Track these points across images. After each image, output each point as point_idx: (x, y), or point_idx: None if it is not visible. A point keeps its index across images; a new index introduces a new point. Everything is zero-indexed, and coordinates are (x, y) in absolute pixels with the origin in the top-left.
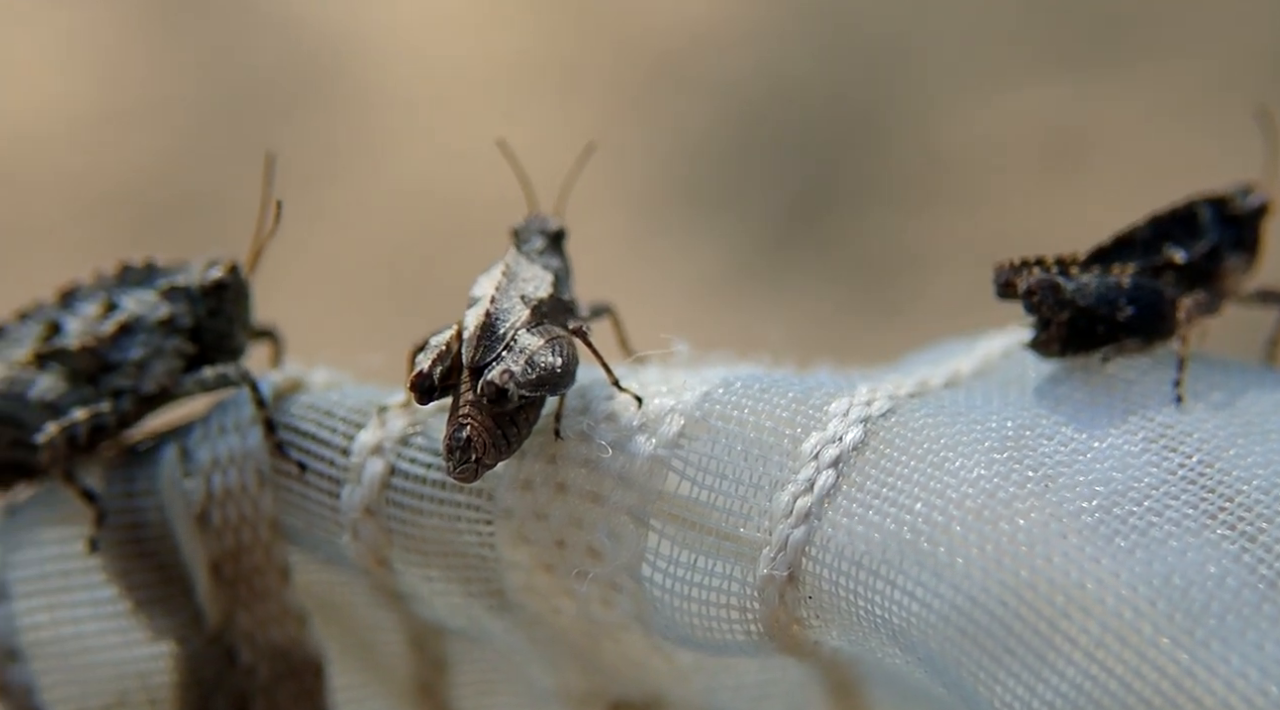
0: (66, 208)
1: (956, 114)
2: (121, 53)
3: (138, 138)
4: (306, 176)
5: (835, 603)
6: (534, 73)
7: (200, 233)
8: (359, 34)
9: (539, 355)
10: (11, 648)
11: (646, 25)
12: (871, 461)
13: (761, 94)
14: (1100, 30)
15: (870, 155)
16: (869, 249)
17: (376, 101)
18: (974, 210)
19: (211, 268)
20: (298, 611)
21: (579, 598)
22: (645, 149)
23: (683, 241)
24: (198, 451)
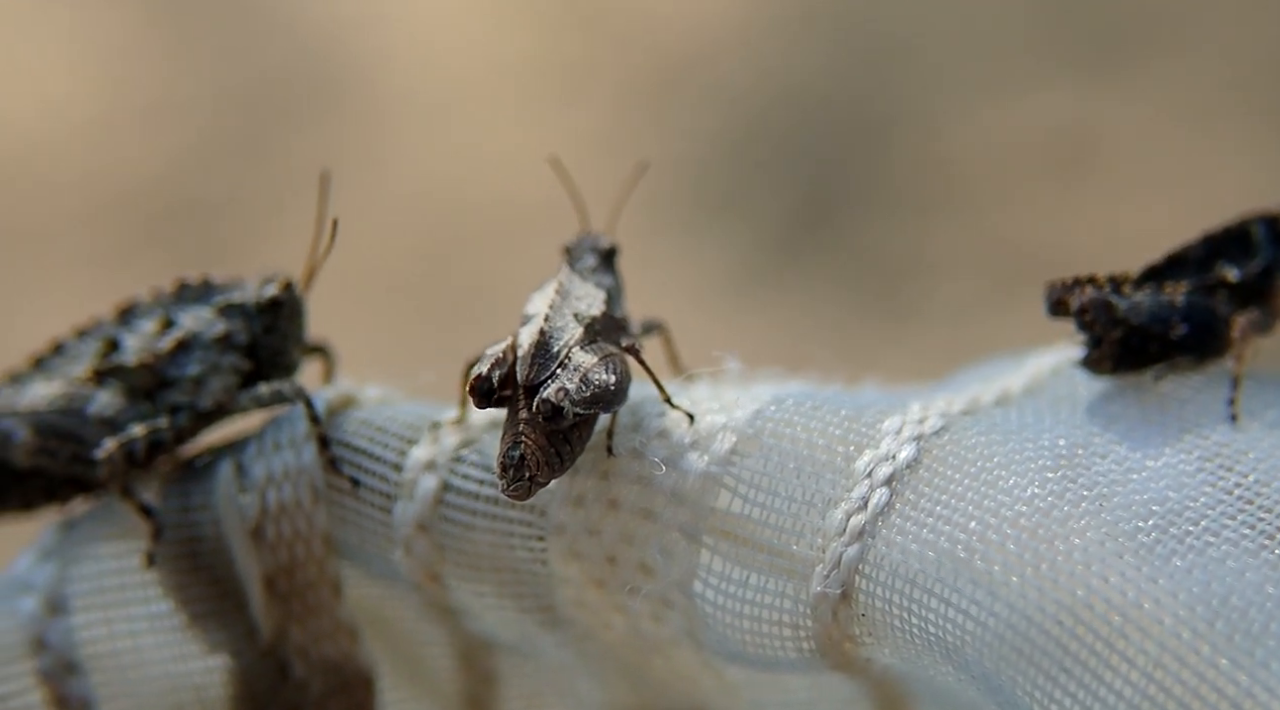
0: (76, 211)
1: (963, 118)
2: (131, 56)
3: (147, 141)
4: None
5: (888, 620)
6: (542, 76)
7: (209, 236)
8: (368, 38)
9: (593, 373)
10: (71, 661)
11: (654, 30)
12: (925, 479)
13: (768, 98)
14: (1107, 34)
15: (876, 160)
16: (875, 254)
17: (386, 105)
18: (980, 215)
19: (267, 285)
20: (350, 626)
21: (630, 614)
22: (652, 153)
23: (688, 245)
24: (253, 467)
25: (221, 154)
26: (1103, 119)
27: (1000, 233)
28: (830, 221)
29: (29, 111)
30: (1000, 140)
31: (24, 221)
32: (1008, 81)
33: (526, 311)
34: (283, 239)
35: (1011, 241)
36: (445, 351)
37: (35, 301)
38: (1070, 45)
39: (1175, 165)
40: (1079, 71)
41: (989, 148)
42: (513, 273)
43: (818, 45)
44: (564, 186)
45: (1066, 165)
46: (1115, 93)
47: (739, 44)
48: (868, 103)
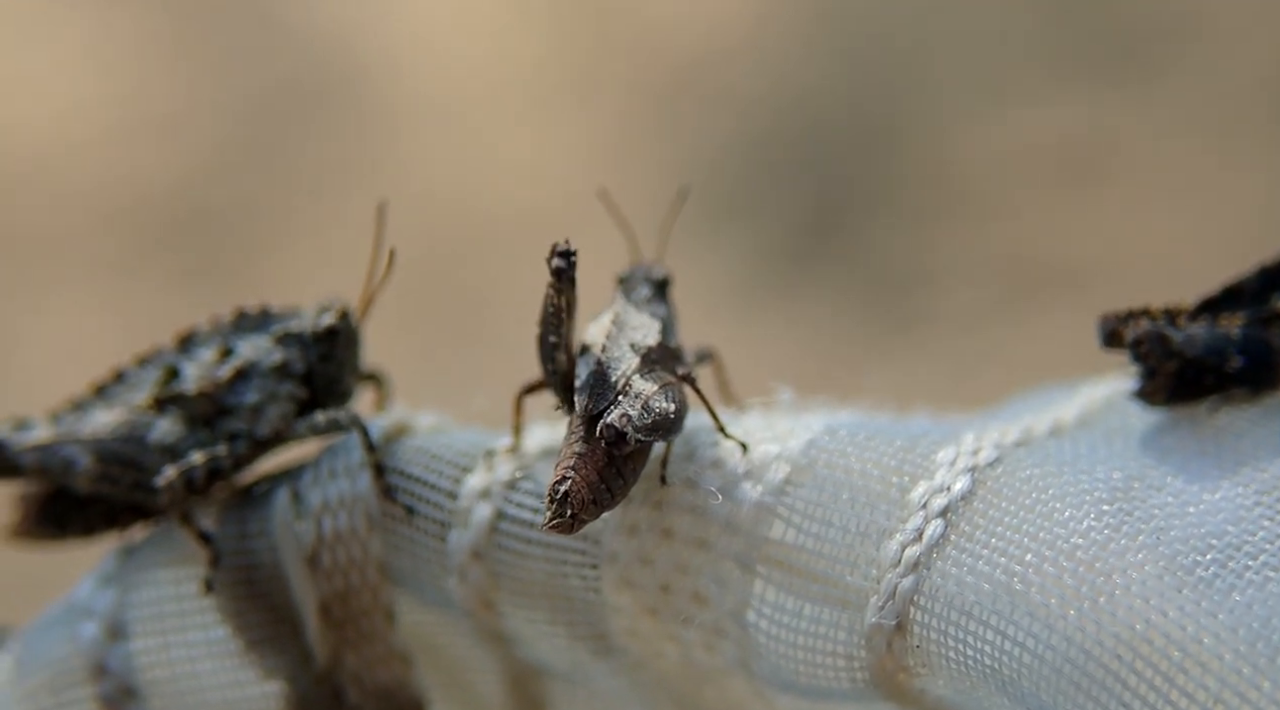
0: (89, 218)
1: (973, 128)
2: (143, 65)
3: (160, 149)
4: (324, 186)
5: (943, 652)
6: (553, 82)
7: (222, 243)
8: (378, 46)
9: (654, 400)
10: (130, 686)
11: (664, 37)
12: (980, 511)
13: (777, 107)
14: (1119, 44)
15: (886, 168)
16: (883, 262)
17: (396, 112)
18: (989, 224)
19: (323, 314)
20: (403, 653)
21: (683, 643)
22: (660, 160)
23: (696, 254)
24: (309, 495)
25: (233, 161)
26: (1113, 129)
27: (1010, 242)
28: (839, 230)
29: (42, 120)
30: (1010, 150)
31: (38, 229)
32: (1018, 90)
33: (582, 342)
34: (294, 246)
35: (1021, 251)
36: (451, 354)
37: (49, 308)
38: (1081, 55)
39: (1186, 176)
40: (1090, 81)
41: (999, 157)
42: (522, 277)
43: (828, 53)
44: (612, 216)
45: (1077, 175)
46: (1126, 102)
47: (749, 51)
48: (878, 111)
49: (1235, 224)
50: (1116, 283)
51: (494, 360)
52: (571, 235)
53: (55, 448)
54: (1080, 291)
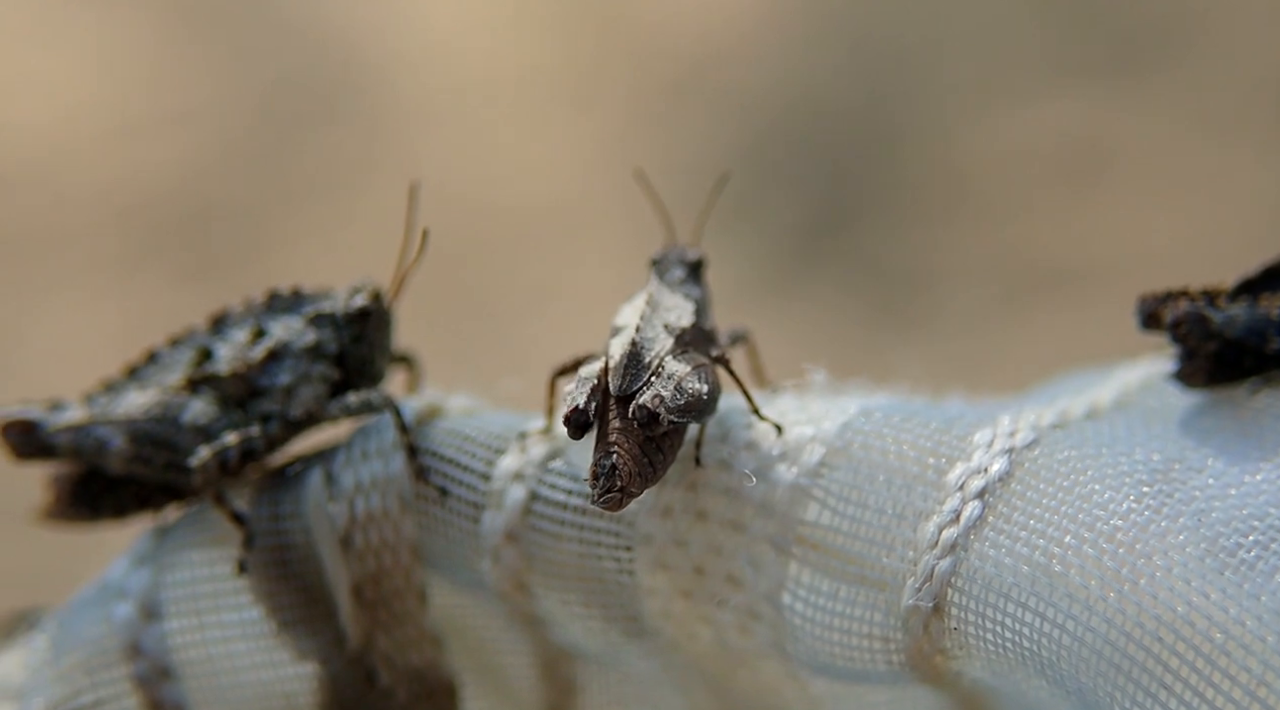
0: (95, 216)
1: (977, 127)
2: (148, 62)
3: (165, 146)
4: (328, 185)
5: (981, 634)
6: (557, 82)
7: (227, 241)
8: (384, 45)
9: (687, 381)
10: (165, 666)
11: (668, 38)
12: (1017, 493)
13: (781, 107)
14: (1122, 42)
15: (890, 168)
16: (888, 262)
17: (402, 111)
18: (993, 223)
19: (356, 295)
20: (434, 634)
21: (717, 625)
22: (664, 160)
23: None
24: (342, 476)
25: (237, 159)
26: (1118, 127)
27: (1014, 241)
28: (843, 229)
29: (48, 118)
30: (1014, 149)
31: (43, 226)
32: (1022, 90)
33: (616, 323)
34: (299, 244)
35: (1025, 250)
36: (457, 354)
37: (55, 305)
38: (1085, 53)
39: (1190, 174)
40: (1094, 80)
41: (1003, 156)
42: (527, 275)
43: (831, 53)
44: (649, 199)
45: (1081, 174)
46: (1130, 101)
47: (753, 51)
48: (881, 111)
49: (1240, 222)
50: (1121, 282)
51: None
52: (574, 232)
53: (89, 429)
54: (1085, 290)
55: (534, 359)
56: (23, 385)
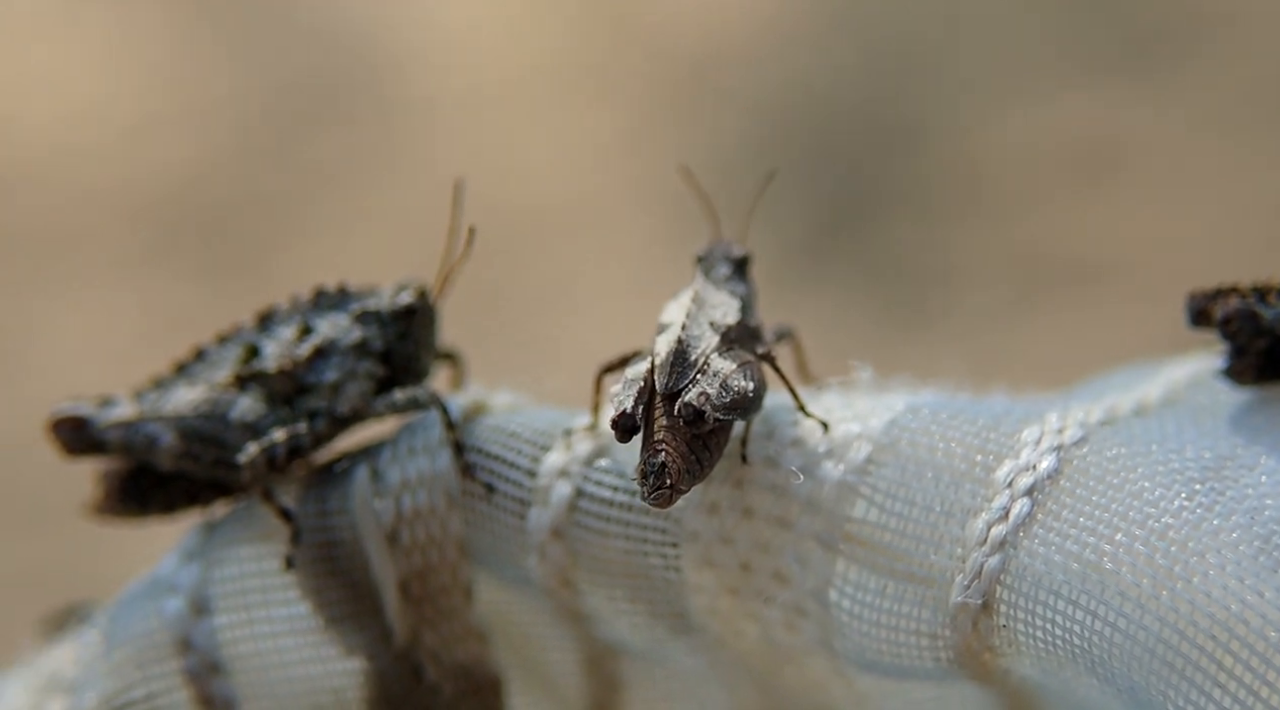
0: (110, 214)
1: (989, 124)
2: (164, 59)
3: (181, 143)
4: (341, 181)
5: (1031, 631)
6: (568, 79)
7: (243, 237)
8: (396, 40)
9: (732, 379)
10: (215, 661)
11: (679, 34)
12: (1067, 490)
13: (793, 103)
14: (1135, 39)
15: (902, 165)
16: (901, 259)
17: (413, 108)
18: (1006, 221)
19: (401, 293)
20: (480, 631)
21: (763, 621)
22: (676, 157)
23: None
24: (388, 472)
25: (253, 156)
26: (1130, 125)
27: (1026, 239)
28: (855, 227)
29: (65, 115)
30: (1027, 146)
31: (59, 224)
32: (1034, 87)
33: (662, 321)
34: (315, 240)
35: (1037, 248)
36: (470, 348)
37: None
38: (1098, 51)
39: (1205, 171)
40: (1106, 77)
41: (1015, 154)
42: (541, 271)
43: (844, 49)
44: (695, 195)
45: (1094, 171)
46: (1143, 98)
47: (765, 48)
48: (893, 108)
49: (1255, 219)
50: (1135, 279)
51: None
52: (588, 228)
53: (139, 425)
54: (1099, 288)
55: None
56: (40, 383)
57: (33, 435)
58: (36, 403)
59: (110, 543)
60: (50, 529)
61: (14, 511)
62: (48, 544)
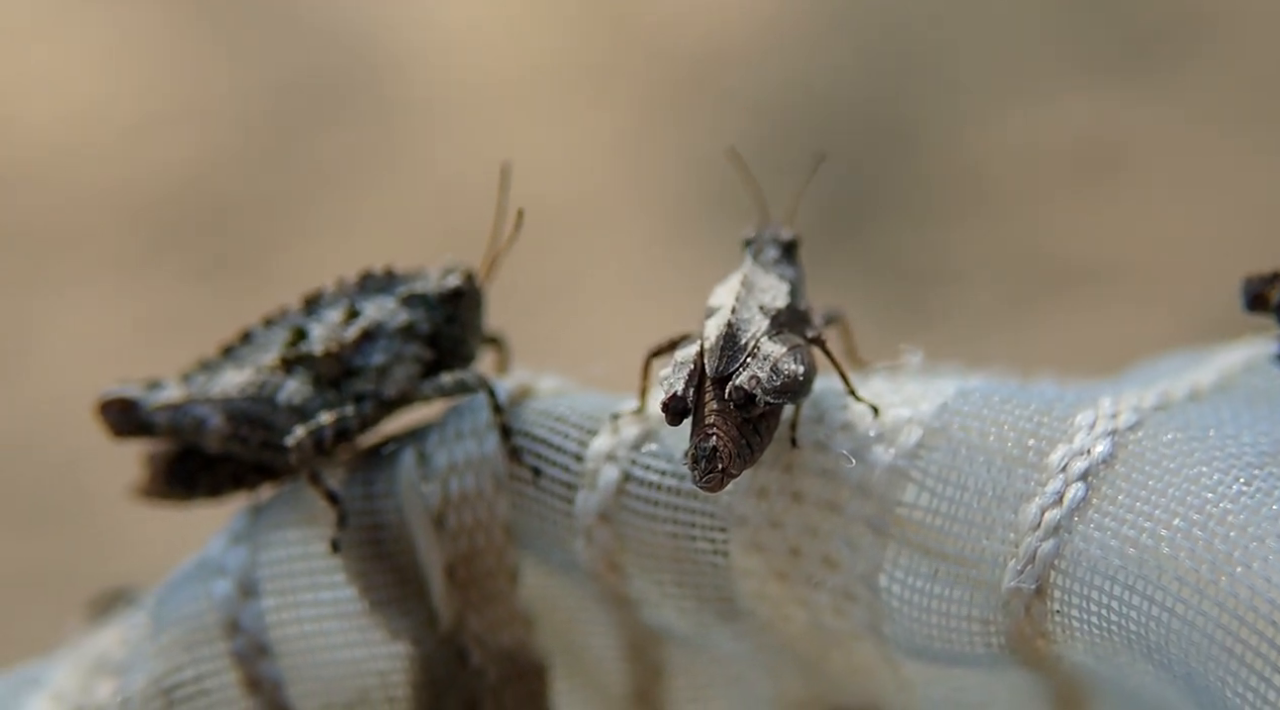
0: (109, 212)
1: (989, 124)
2: (163, 59)
3: (179, 143)
4: (341, 181)
5: (1085, 617)
6: (568, 80)
7: (242, 237)
8: (393, 42)
9: (783, 362)
10: (262, 643)
11: (679, 34)
12: (1122, 475)
13: (793, 103)
14: (1134, 39)
15: (902, 165)
16: (899, 260)
17: (413, 107)
18: (1005, 221)
19: (449, 276)
20: (525, 615)
21: (811, 606)
22: (676, 157)
23: (713, 250)
24: (436, 455)
25: (252, 156)
26: (1130, 124)
27: (1026, 239)
28: (854, 227)
29: (63, 115)
30: (1028, 146)
31: (58, 224)
32: (1033, 87)
33: (711, 304)
34: (314, 241)
35: (1037, 248)
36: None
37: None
38: (1097, 50)
39: (1206, 171)
40: (1106, 76)
41: (1015, 154)
42: (542, 271)
43: (843, 49)
44: (741, 179)
45: (1093, 171)
46: (1143, 97)
47: (764, 48)
48: (893, 108)
49: (1256, 218)
50: (1136, 279)
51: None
52: (588, 228)
53: (187, 407)
54: (1099, 288)
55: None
56: (37, 381)
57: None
58: (35, 403)
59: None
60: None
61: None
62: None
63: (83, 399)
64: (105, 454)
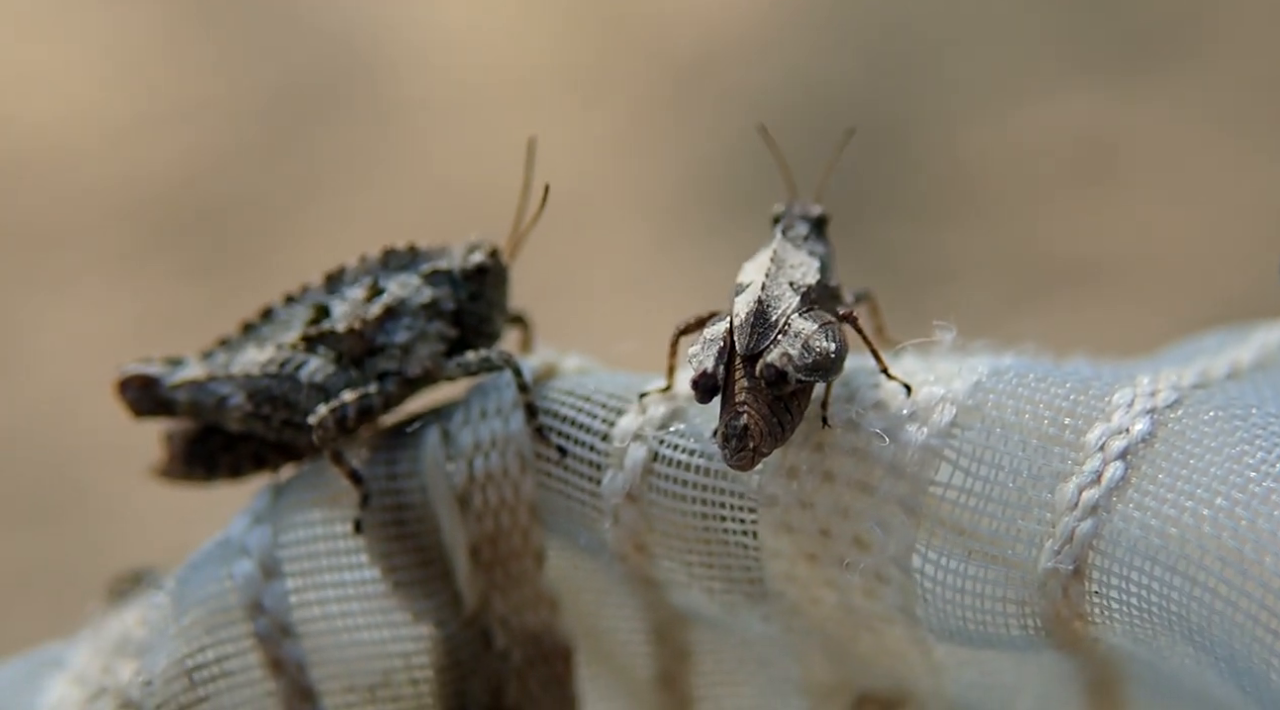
0: (101, 210)
1: (985, 123)
2: (157, 58)
3: (172, 142)
4: (337, 180)
5: (1125, 598)
6: (563, 78)
7: (234, 236)
8: (388, 41)
9: (814, 339)
10: (285, 624)
11: (674, 33)
12: (1162, 454)
13: (788, 102)
14: (1131, 38)
15: (898, 164)
16: (895, 259)
17: (406, 107)
18: (1002, 221)
19: (473, 252)
20: (550, 596)
21: (842, 588)
22: (672, 155)
23: (709, 249)
24: (460, 435)
25: (244, 155)
26: (1127, 123)
27: (1022, 239)
28: (850, 227)
29: (58, 113)
30: (1024, 146)
31: (51, 221)
32: (1030, 86)
33: (740, 281)
34: (306, 240)
35: (1034, 248)
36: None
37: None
38: (1094, 49)
39: (1201, 170)
40: (1103, 75)
41: (1011, 153)
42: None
43: (839, 49)
44: (772, 153)
45: (1092, 171)
46: (1140, 97)
47: (759, 47)
48: (889, 107)
49: (1252, 218)
50: (1132, 279)
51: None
52: (584, 227)
53: (208, 384)
54: (1096, 288)
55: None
56: (29, 378)
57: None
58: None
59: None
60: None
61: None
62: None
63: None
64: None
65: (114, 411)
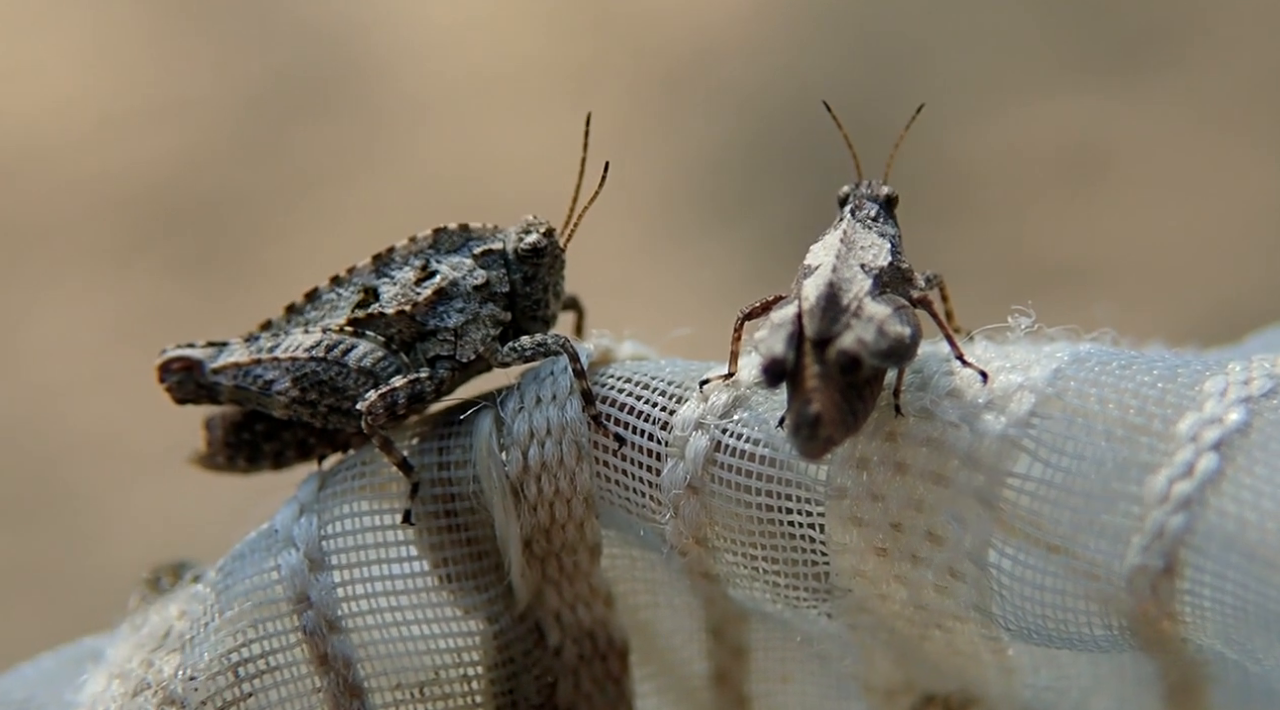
0: (89, 206)
1: (977, 124)
2: (142, 54)
3: (160, 137)
4: (325, 176)
5: (1219, 597)
6: (552, 78)
7: (222, 232)
8: (378, 38)
9: (889, 324)
10: (332, 619)
11: (664, 34)
12: (1259, 444)
13: (779, 102)
14: (1123, 40)
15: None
16: None
17: (397, 105)
18: (993, 222)
19: (528, 233)
20: (606, 591)
21: (912, 584)
22: (662, 156)
23: (699, 249)
24: (514, 422)
25: (232, 151)
26: (1118, 125)
27: (1014, 240)
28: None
29: (44, 108)
30: (1015, 147)
31: (37, 217)
32: (1022, 88)
33: (808, 263)
34: (294, 236)
35: (1025, 249)
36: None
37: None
38: (1086, 51)
39: (1192, 172)
40: (1094, 77)
41: (1003, 154)
42: None
43: (830, 49)
44: (839, 130)
45: (1083, 172)
46: (1131, 99)
47: (750, 47)
48: (880, 108)
49: (1243, 220)
50: (1122, 280)
51: None
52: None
53: (252, 369)
54: (1086, 289)
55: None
56: (18, 376)
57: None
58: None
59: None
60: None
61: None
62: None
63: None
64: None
65: (99, 407)
